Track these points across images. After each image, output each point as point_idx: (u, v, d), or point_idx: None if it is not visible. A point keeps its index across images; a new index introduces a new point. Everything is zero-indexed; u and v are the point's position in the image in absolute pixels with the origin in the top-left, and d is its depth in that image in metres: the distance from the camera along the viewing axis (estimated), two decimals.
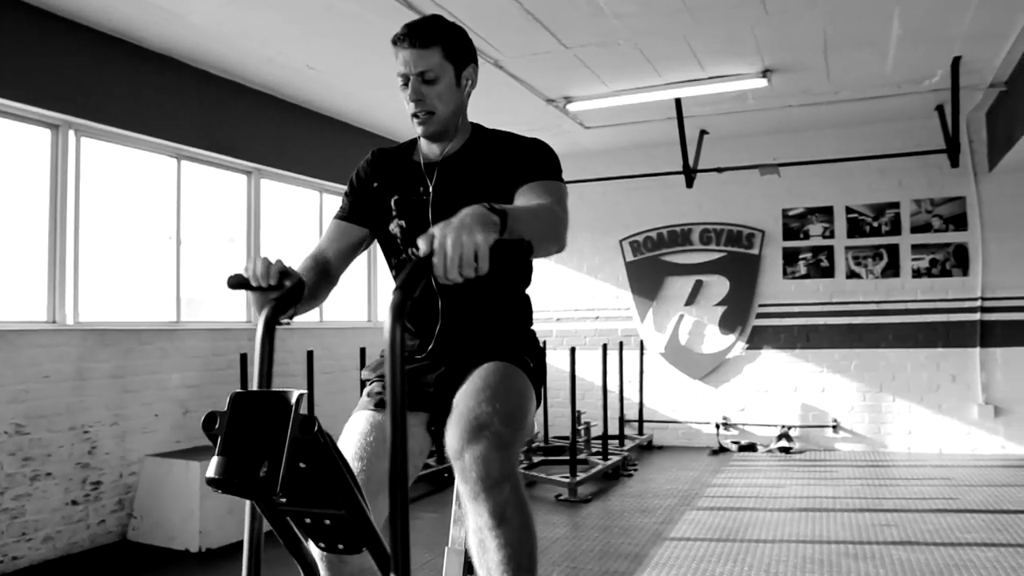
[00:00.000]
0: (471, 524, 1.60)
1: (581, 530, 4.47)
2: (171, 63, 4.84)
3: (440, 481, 5.81)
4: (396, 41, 1.74)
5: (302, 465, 1.11)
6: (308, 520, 1.23)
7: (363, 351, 5.82)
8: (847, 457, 6.64)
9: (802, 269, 7.14)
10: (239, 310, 5.45)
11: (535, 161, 1.81)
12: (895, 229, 6.84)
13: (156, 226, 4.90)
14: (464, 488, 1.56)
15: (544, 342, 7.35)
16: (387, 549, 1.29)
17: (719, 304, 7.39)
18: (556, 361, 7.18)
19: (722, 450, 7.12)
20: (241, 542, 4.11)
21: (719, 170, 6.60)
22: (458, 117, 1.84)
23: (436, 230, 1.24)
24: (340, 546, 1.26)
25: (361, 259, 6.79)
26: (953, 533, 4.22)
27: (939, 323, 6.67)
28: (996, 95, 5.96)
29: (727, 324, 7.34)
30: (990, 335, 6.52)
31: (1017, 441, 6.42)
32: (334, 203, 6.48)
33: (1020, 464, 6.08)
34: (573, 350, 5.90)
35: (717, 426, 7.29)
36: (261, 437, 1.08)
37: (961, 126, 5.81)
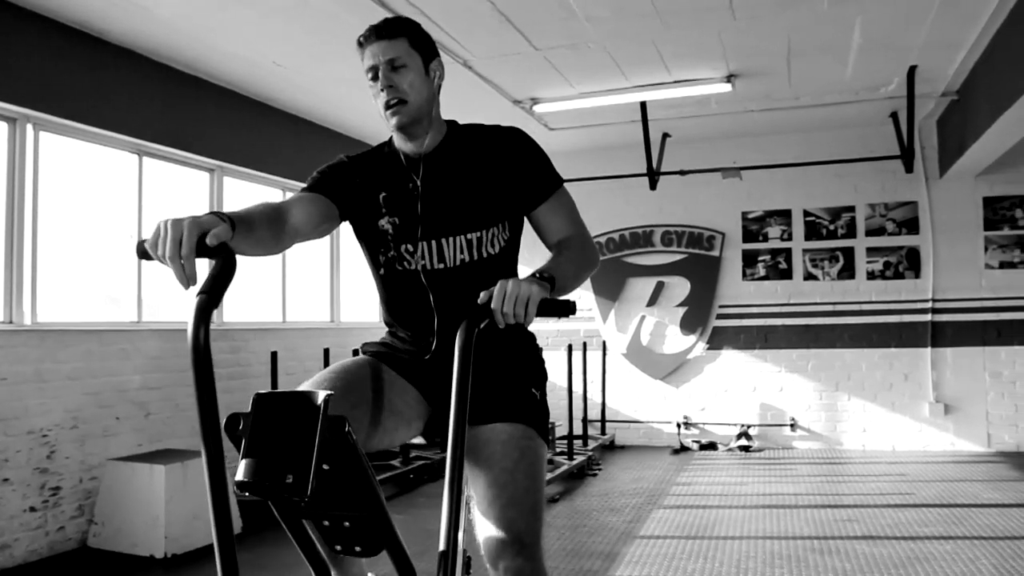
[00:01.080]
0: None
1: (551, 530, 4.48)
2: (134, 57, 4.72)
3: (406, 483, 5.78)
4: (362, 41, 1.75)
5: (325, 467, 1.10)
6: (327, 523, 1.21)
7: (327, 352, 5.76)
8: (805, 455, 6.79)
9: (761, 271, 7.28)
10: None
11: (534, 169, 1.82)
12: (850, 232, 7.03)
13: (117, 224, 4.77)
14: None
15: None
16: (406, 550, 1.28)
17: (680, 305, 7.49)
18: None
19: (683, 449, 7.22)
20: (209, 547, 4.04)
21: (682, 172, 6.69)
22: (431, 107, 1.80)
23: (500, 282, 1.45)
24: (358, 548, 1.24)
25: (323, 259, 6.72)
26: (911, 527, 4.35)
27: (892, 324, 6.87)
28: (947, 103, 6.16)
29: (688, 325, 7.45)
30: (940, 335, 6.74)
31: (966, 438, 6.64)
32: None
33: (969, 460, 6.29)
34: None
35: (678, 425, 7.39)
36: (288, 439, 1.06)
37: (915, 133, 5.98)
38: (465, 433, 1.24)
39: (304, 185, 1.83)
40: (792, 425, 7.10)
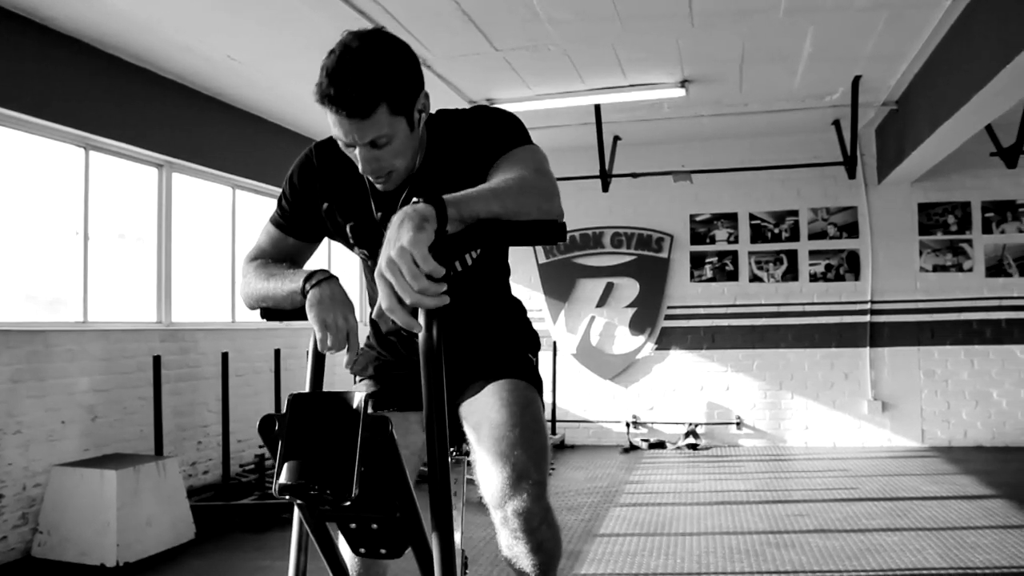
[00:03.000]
0: (504, 541, 1.60)
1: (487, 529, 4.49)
2: (82, 46, 4.54)
3: None
4: (324, 102, 1.42)
5: (361, 469, 1.08)
6: (354, 525, 1.19)
7: (278, 352, 5.66)
8: (750, 452, 6.97)
9: (708, 272, 7.44)
10: (149, 310, 5.17)
11: (495, 134, 1.57)
12: (794, 236, 7.24)
13: (62, 220, 4.58)
14: (504, 531, 1.58)
15: None
16: (433, 553, 1.27)
17: (629, 306, 7.60)
18: None
19: (633, 448, 7.32)
20: (163, 553, 3.92)
21: (634, 175, 6.79)
22: (416, 154, 1.59)
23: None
24: (383, 550, 1.23)
25: None
26: (860, 520, 4.51)
27: (833, 324, 7.11)
28: (887, 112, 6.40)
29: (637, 325, 7.56)
30: (878, 336, 7.01)
31: (902, 434, 6.92)
32: (247, 200, 6.25)
33: (905, 455, 6.55)
34: None
35: (627, 425, 7.49)
36: (329, 440, 1.04)
37: (858, 141, 6.21)
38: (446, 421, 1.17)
39: (278, 204, 1.74)
40: (738, 423, 7.27)
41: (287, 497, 1.04)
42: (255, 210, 6.38)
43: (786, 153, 7.08)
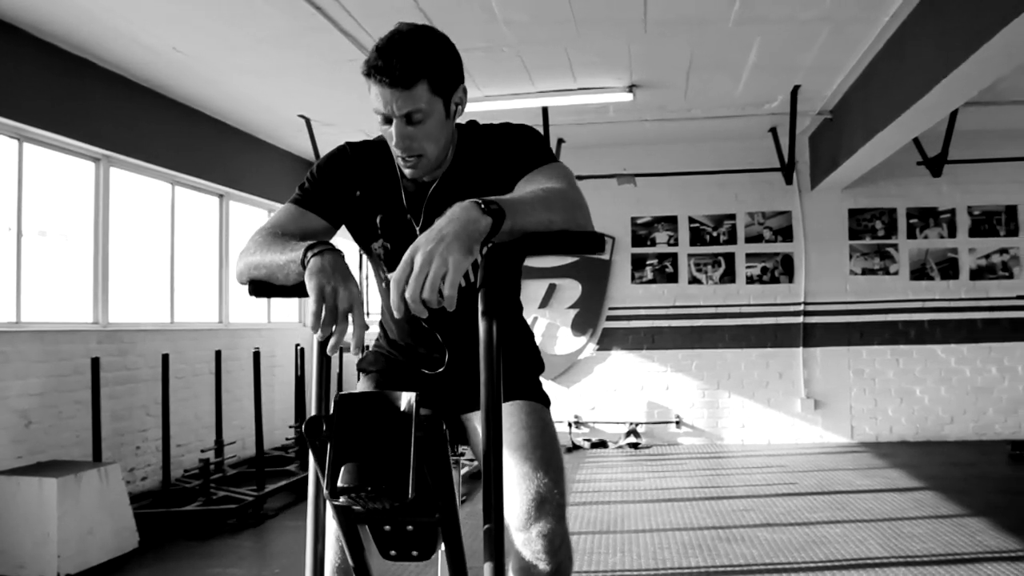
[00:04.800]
0: (521, 563, 1.60)
1: (465, 529, 4.48)
2: (17, 33, 4.32)
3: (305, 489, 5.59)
4: (371, 74, 1.47)
5: (417, 470, 1.06)
6: (388, 527, 1.18)
7: (219, 354, 5.50)
8: (690, 450, 7.13)
9: (649, 274, 7.58)
10: (85, 310, 4.95)
11: (523, 149, 1.61)
12: (732, 239, 7.45)
13: None
14: (526, 551, 1.58)
15: None
16: (465, 555, 1.27)
17: (572, 307, 7.67)
18: None
19: (575, 448, 7.39)
20: (107, 563, 3.76)
21: (579, 178, 6.84)
22: (448, 149, 1.64)
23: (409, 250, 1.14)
24: (415, 553, 1.22)
25: (212, 257, 6.40)
26: (802, 514, 4.68)
27: (768, 325, 7.34)
28: (821, 121, 6.65)
29: (579, 326, 7.64)
30: (811, 336, 7.27)
31: (832, 431, 7.20)
32: (186, 196, 6.06)
33: (836, 451, 6.82)
34: None
35: (569, 424, 7.55)
36: (381, 441, 1.03)
37: (795, 148, 6.44)
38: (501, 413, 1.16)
39: (300, 187, 1.69)
40: (677, 422, 7.43)
41: (340, 500, 1.02)
42: (194, 207, 6.20)
43: (724, 158, 7.28)
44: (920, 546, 3.94)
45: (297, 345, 6.58)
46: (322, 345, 1.30)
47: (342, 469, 1.00)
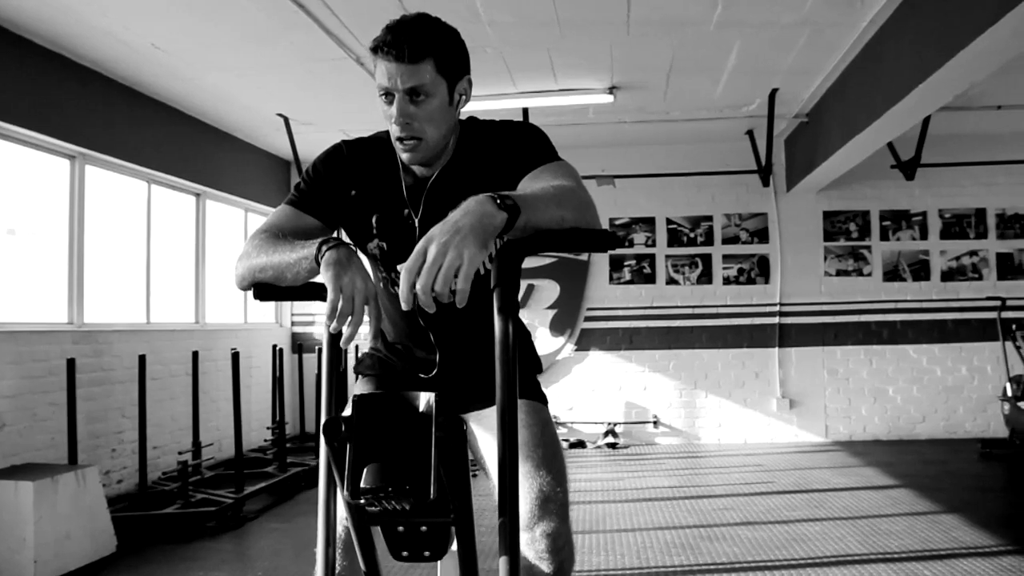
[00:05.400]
0: (523, 562, 1.59)
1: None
2: None
3: (284, 491, 5.55)
4: (378, 49, 1.48)
5: (438, 470, 1.06)
6: (401, 528, 1.17)
7: (195, 355, 5.43)
8: (667, 450, 7.18)
9: (627, 275, 7.62)
10: (60, 310, 4.86)
11: (528, 146, 1.60)
12: (709, 240, 7.51)
13: None
14: (529, 551, 1.57)
15: None
16: (477, 555, 1.27)
17: (550, 307, 7.69)
18: None
19: None
20: (84, 568, 3.70)
21: None
22: (449, 139, 1.62)
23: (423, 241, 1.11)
24: (426, 553, 1.21)
25: (189, 256, 6.32)
26: (781, 512, 4.73)
27: (744, 326, 7.42)
28: (797, 124, 6.74)
29: (557, 327, 7.66)
30: (786, 336, 7.36)
31: (807, 430, 7.29)
32: (163, 195, 5.98)
33: (811, 449, 6.91)
34: None
35: None
36: (402, 442, 1.02)
37: (772, 150, 6.52)
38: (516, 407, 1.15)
39: (296, 188, 1.67)
40: (655, 422, 7.48)
41: (362, 501, 1.01)
42: (170, 206, 6.12)
43: (701, 160, 7.35)
44: (898, 543, 4.01)
45: (275, 346, 6.52)
46: (335, 339, 1.29)
47: (365, 470, 1.00)
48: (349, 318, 1.26)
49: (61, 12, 4.20)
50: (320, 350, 6.88)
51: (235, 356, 5.30)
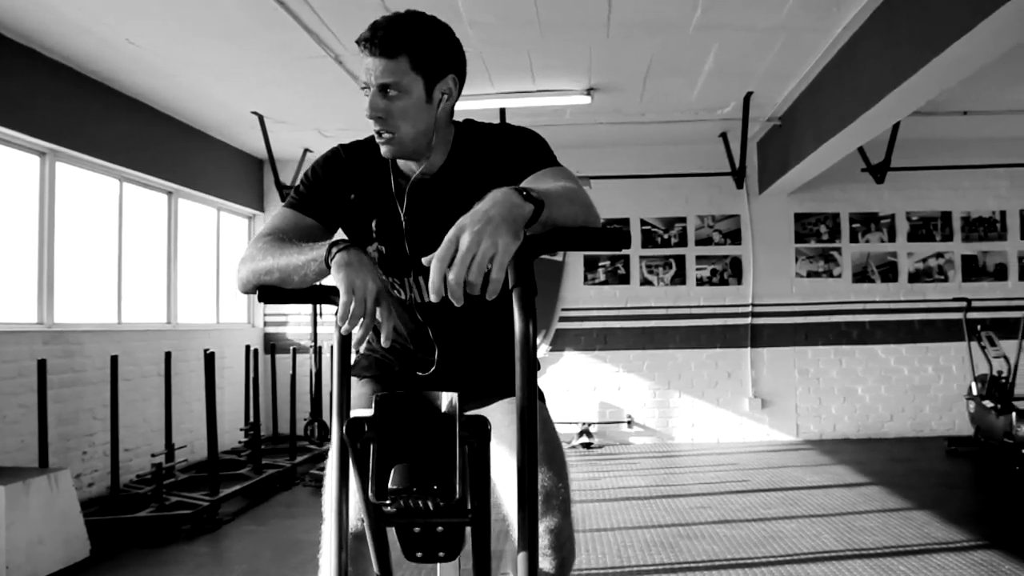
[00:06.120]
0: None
1: None
2: None
3: (259, 493, 5.49)
4: (359, 43, 1.51)
5: (463, 470, 1.06)
6: (417, 529, 1.17)
7: (168, 356, 5.35)
8: (642, 449, 7.23)
9: (601, 276, 7.66)
10: (30, 310, 4.76)
11: (526, 150, 1.62)
12: (682, 241, 7.58)
13: None
14: None
15: None
16: (491, 555, 1.27)
17: None
18: None
19: None
20: (56, 574, 3.63)
21: None
22: (429, 137, 1.60)
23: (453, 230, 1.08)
24: (441, 554, 1.21)
25: (161, 256, 6.22)
26: (757, 510, 4.79)
27: (718, 326, 7.50)
28: (770, 127, 6.83)
29: None
30: (758, 336, 7.46)
31: (779, 429, 7.40)
32: (134, 193, 5.88)
33: (783, 448, 7.01)
34: None
35: None
36: (425, 442, 1.02)
37: (746, 153, 6.60)
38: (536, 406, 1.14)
39: (295, 191, 1.67)
40: (629, 422, 7.53)
41: (388, 502, 1.00)
42: (142, 205, 6.02)
43: (675, 162, 7.42)
44: (872, 539, 4.09)
45: (248, 347, 6.44)
46: (345, 340, 1.29)
47: (393, 470, 0.99)
48: (361, 320, 1.26)
49: (36, 6, 4.11)
50: (295, 351, 6.83)
51: (210, 357, 5.22)
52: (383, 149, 1.59)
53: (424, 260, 1.08)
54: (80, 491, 4.89)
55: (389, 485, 0.99)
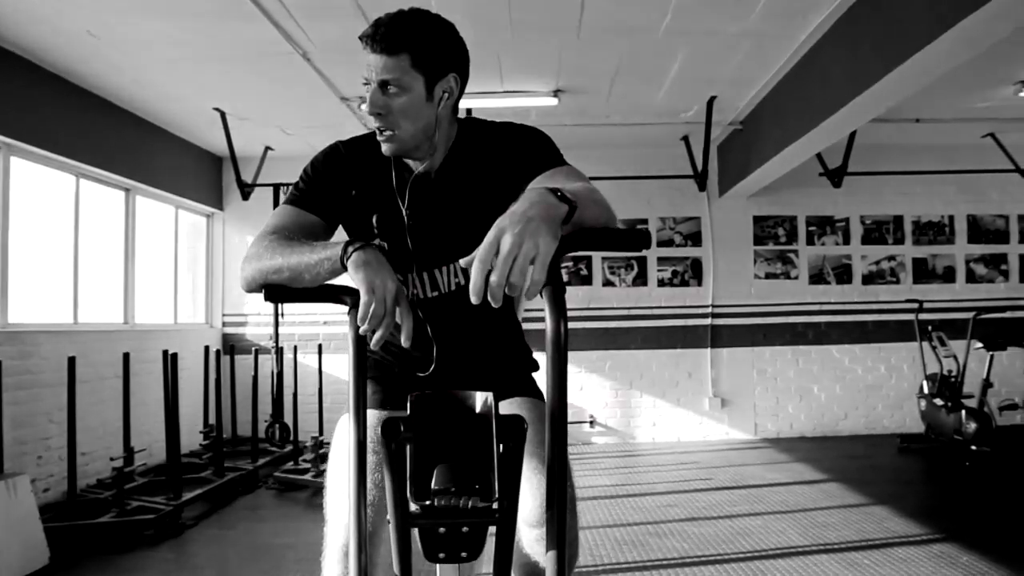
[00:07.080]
0: (532, 559, 1.61)
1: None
2: None
3: (222, 497, 5.39)
4: (362, 39, 1.51)
5: (501, 470, 1.06)
6: (442, 529, 1.16)
7: (126, 357, 5.21)
8: (604, 449, 7.30)
9: (564, 277, 7.68)
10: None
11: (534, 149, 1.62)
12: None
13: None
14: (538, 547, 1.57)
15: (320, 346, 7.13)
16: (513, 555, 1.27)
17: None
18: (333, 368, 7.07)
19: None
20: (35, 573, 3.52)
21: None
22: (430, 134, 1.60)
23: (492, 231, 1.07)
24: (464, 554, 1.21)
25: (118, 255, 6.06)
26: (723, 507, 4.88)
27: (678, 327, 7.61)
28: (731, 131, 6.96)
29: None
30: (718, 337, 7.59)
31: (738, 428, 7.54)
32: (91, 190, 5.72)
33: (742, 447, 7.14)
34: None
35: None
36: (463, 442, 1.02)
37: (708, 156, 6.71)
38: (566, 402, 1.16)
39: (295, 188, 1.64)
40: (591, 422, 7.59)
41: (427, 502, 1.00)
42: (99, 202, 5.86)
43: (638, 164, 7.50)
44: (835, 534, 4.19)
45: (207, 347, 6.31)
46: (361, 340, 1.27)
47: (436, 470, 0.99)
48: (382, 319, 1.25)
49: None
50: (257, 351, 6.71)
51: (172, 357, 5.11)
52: (384, 147, 1.59)
53: (462, 262, 1.08)
54: (36, 496, 4.74)
55: (432, 485, 0.98)
